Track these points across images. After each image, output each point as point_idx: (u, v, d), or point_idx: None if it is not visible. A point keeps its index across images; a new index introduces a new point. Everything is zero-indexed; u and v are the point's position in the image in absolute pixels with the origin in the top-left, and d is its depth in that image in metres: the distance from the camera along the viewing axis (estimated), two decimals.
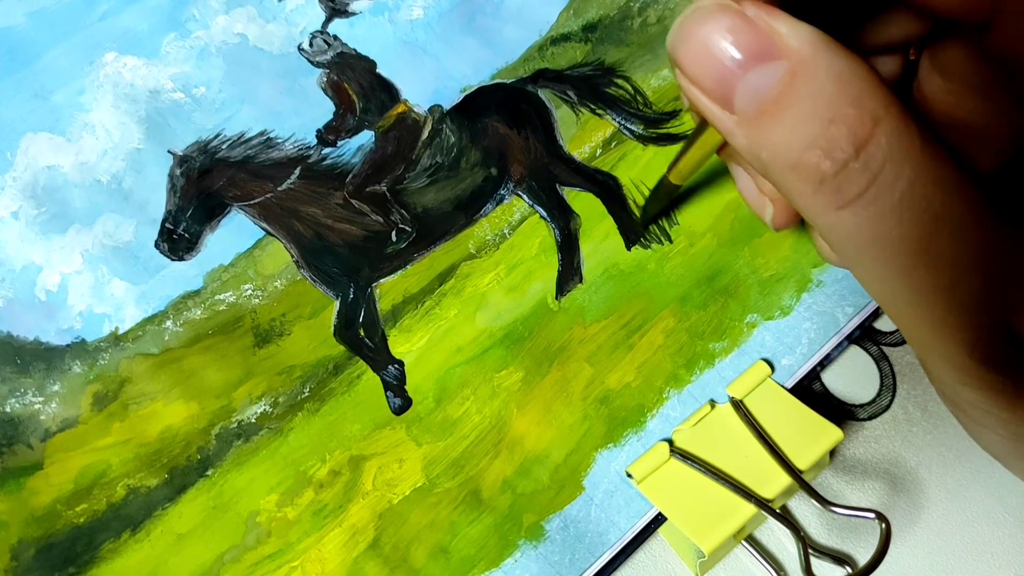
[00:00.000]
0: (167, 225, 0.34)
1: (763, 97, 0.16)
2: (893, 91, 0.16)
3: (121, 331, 0.32)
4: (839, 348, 0.36)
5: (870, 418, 0.35)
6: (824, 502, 0.31)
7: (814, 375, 0.36)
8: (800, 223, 0.24)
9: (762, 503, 0.30)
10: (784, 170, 0.17)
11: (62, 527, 0.30)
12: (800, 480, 0.31)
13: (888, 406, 0.35)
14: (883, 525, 0.29)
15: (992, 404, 0.19)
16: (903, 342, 0.36)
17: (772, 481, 0.31)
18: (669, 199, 0.34)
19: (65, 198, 0.34)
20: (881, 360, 0.36)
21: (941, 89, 0.19)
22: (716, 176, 0.37)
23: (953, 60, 0.19)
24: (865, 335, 0.36)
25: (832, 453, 0.34)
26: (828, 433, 0.32)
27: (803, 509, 0.34)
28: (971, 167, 0.18)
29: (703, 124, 0.23)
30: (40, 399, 0.31)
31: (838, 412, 0.36)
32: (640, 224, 0.36)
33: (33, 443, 0.31)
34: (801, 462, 0.31)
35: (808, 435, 0.32)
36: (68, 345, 0.32)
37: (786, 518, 0.30)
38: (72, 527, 0.30)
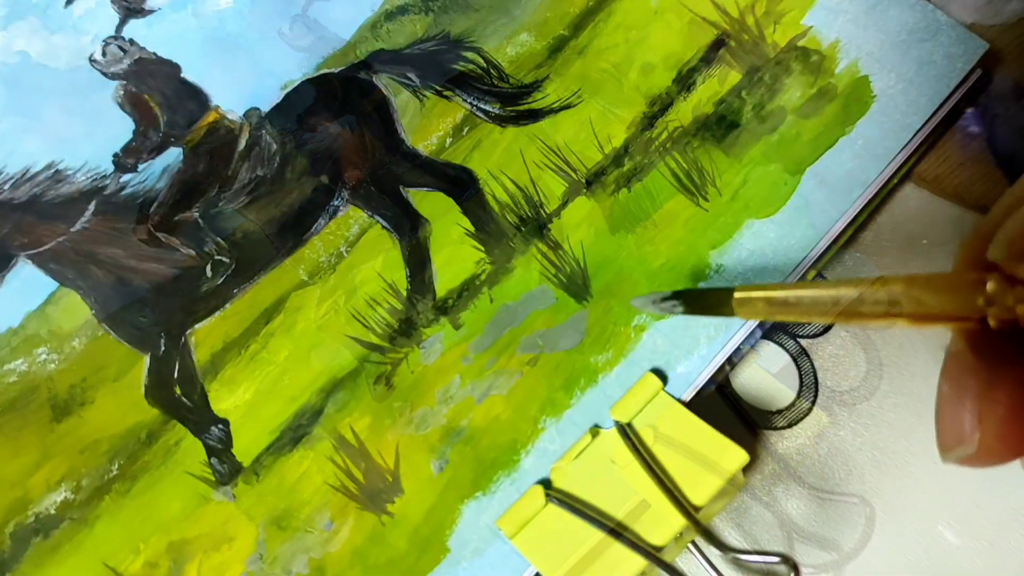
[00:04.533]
0: None
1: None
2: None
3: None
4: (748, 342, 0.30)
5: (789, 425, 0.30)
6: (724, 548, 0.25)
7: (722, 380, 0.30)
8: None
9: (651, 555, 0.25)
10: None
11: None
12: (695, 522, 0.25)
13: (809, 410, 0.29)
14: (792, 573, 0.24)
15: None
16: (822, 333, 0.30)
17: (664, 524, 0.26)
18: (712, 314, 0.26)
19: None
20: (800, 355, 0.30)
21: None
22: None
23: None
24: (778, 327, 0.31)
25: (745, 470, 0.29)
26: (731, 456, 0.26)
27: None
28: None
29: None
30: None
31: (753, 420, 0.30)
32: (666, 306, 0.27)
33: None
34: (698, 496, 0.26)
35: (708, 461, 0.27)
36: None
37: (677, 572, 0.25)
38: None
